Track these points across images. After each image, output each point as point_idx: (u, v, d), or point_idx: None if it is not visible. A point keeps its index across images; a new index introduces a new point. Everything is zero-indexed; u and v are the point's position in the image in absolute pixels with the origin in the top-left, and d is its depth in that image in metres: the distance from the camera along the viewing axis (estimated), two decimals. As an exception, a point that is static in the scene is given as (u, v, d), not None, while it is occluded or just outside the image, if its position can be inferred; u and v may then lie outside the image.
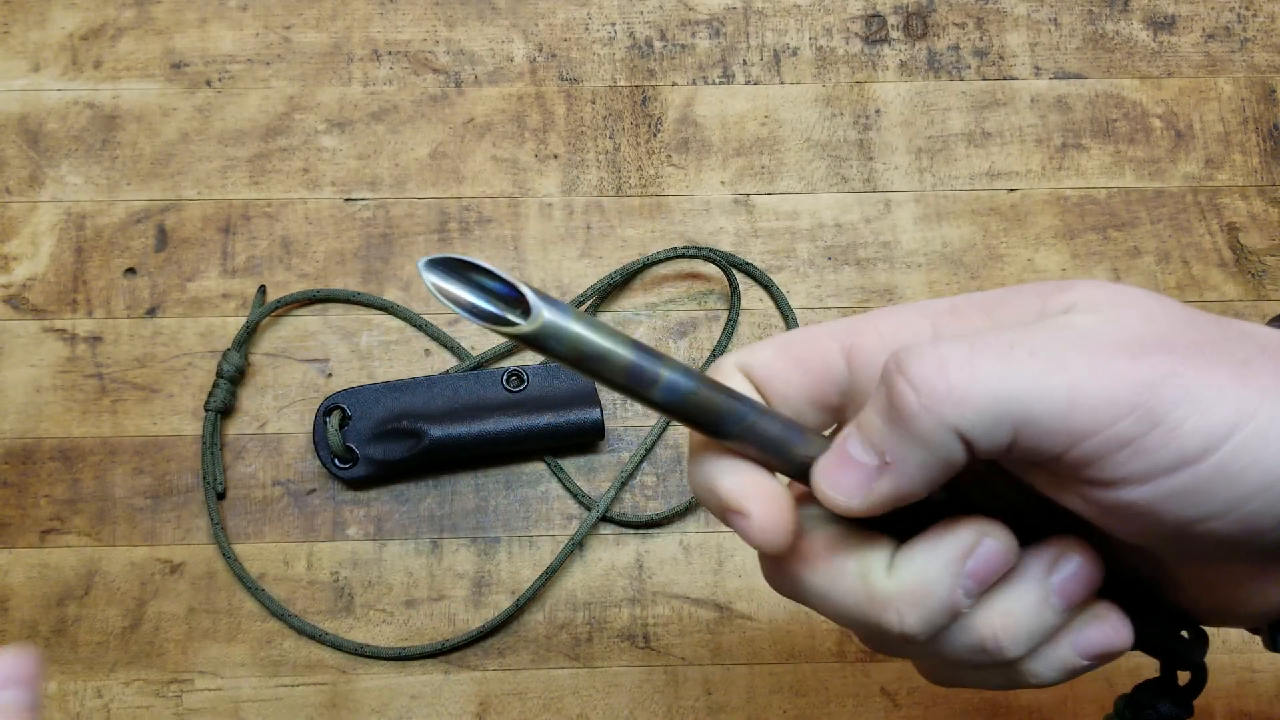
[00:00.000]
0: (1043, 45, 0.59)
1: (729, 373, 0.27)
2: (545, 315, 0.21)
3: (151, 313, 0.54)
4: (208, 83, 0.57)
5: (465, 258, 0.22)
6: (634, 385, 0.23)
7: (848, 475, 0.24)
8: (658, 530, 0.52)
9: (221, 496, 0.51)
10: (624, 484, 0.52)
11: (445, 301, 0.21)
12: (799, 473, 0.25)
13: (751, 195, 0.56)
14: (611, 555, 0.51)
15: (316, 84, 0.57)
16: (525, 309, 0.21)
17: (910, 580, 0.25)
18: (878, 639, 0.27)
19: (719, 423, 0.24)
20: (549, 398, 0.52)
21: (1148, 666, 0.32)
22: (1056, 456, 0.23)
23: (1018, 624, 0.25)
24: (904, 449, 0.23)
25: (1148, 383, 0.22)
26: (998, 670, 0.26)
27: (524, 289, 0.21)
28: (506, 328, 0.21)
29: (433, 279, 0.22)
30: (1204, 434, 0.21)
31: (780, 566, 0.27)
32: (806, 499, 0.27)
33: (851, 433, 0.24)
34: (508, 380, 0.52)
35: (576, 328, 0.22)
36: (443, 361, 0.54)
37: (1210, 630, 0.50)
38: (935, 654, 0.26)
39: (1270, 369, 0.22)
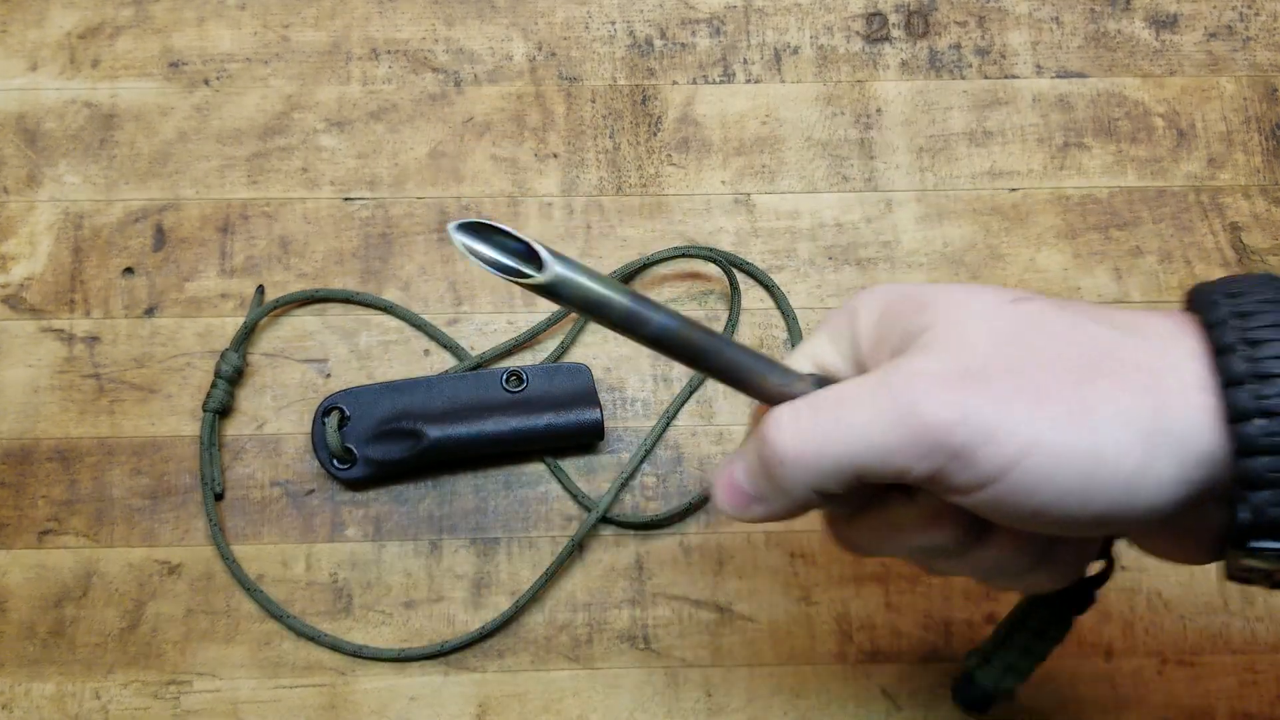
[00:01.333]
0: (1044, 44, 0.59)
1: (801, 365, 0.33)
2: (556, 269, 0.25)
3: (149, 313, 0.54)
4: (206, 82, 0.57)
5: (490, 221, 0.25)
6: (630, 326, 0.27)
7: (732, 495, 0.32)
8: (658, 531, 0.51)
9: (220, 497, 0.51)
10: (624, 485, 0.51)
11: (474, 260, 0.25)
12: (770, 399, 0.30)
13: (752, 195, 0.56)
14: (611, 556, 0.51)
15: (315, 83, 0.57)
16: (539, 265, 0.26)
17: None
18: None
19: (698, 357, 0.29)
20: (549, 398, 0.52)
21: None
22: (900, 478, 0.28)
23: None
24: (771, 494, 0.30)
25: (949, 423, 0.26)
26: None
27: (538, 247, 0.25)
28: (525, 279, 0.25)
29: (461, 239, 0.25)
30: (996, 461, 0.26)
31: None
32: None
33: (738, 459, 0.31)
34: (507, 380, 0.52)
35: (582, 279, 0.26)
36: (442, 361, 0.54)
37: (1211, 631, 0.50)
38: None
39: (1073, 392, 0.26)
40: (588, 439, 0.52)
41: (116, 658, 0.49)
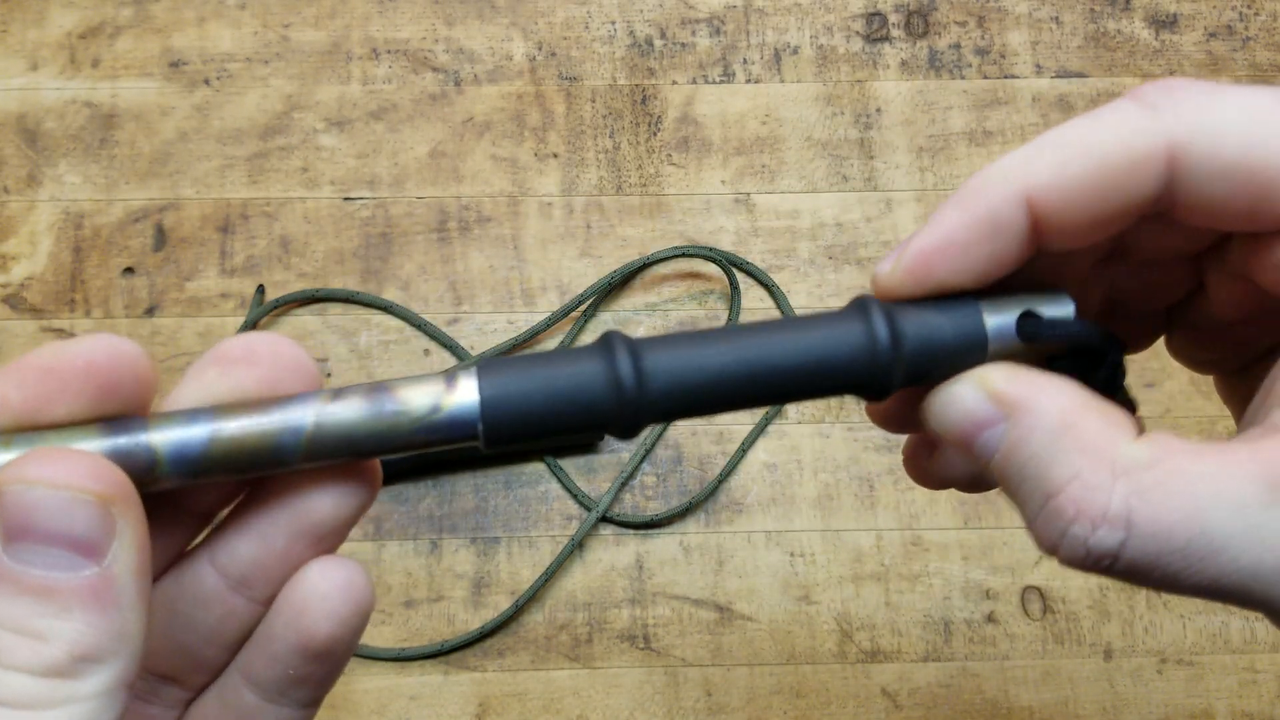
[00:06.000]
0: (1044, 44, 0.59)
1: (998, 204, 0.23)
2: None
3: (150, 312, 0.54)
4: (206, 81, 0.57)
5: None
6: (138, 482, 0.18)
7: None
8: (658, 530, 0.51)
9: (220, 497, 0.51)
10: (624, 484, 0.52)
11: None
12: (424, 439, 0.20)
13: (752, 194, 0.56)
14: (611, 556, 0.51)
15: (315, 83, 0.57)
16: None
17: None
18: None
19: (273, 454, 0.19)
20: (549, 398, 0.52)
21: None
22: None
23: None
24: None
25: None
26: None
27: None
28: None
29: None
30: None
31: None
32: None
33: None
34: (507, 380, 0.52)
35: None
36: (442, 361, 0.54)
37: (1211, 630, 0.50)
38: None
39: None
40: (588, 438, 0.52)
41: (117, 657, 0.49)
